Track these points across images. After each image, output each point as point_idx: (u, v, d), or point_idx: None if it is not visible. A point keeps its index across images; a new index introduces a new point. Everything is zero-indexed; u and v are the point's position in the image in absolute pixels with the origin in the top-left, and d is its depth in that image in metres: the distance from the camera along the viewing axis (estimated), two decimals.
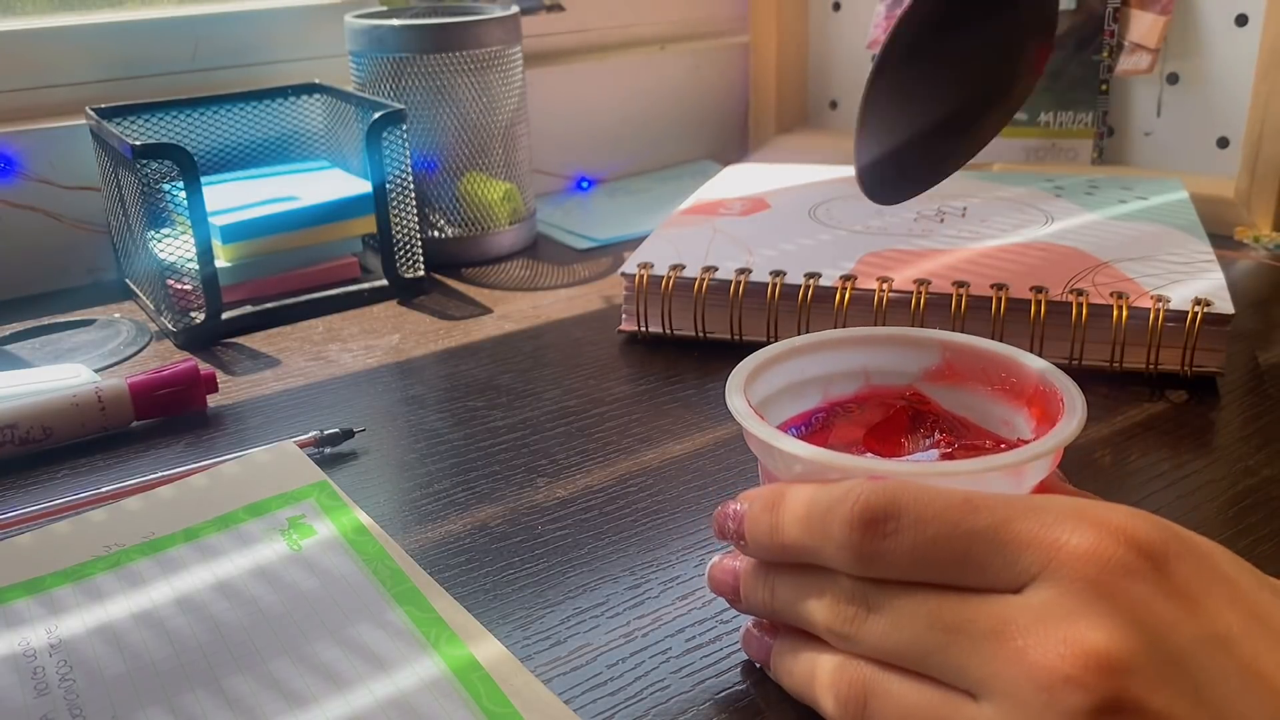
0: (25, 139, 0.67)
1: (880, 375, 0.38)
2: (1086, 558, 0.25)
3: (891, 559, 0.27)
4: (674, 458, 0.46)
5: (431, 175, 0.71)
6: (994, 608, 0.25)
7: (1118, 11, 0.77)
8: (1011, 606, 0.25)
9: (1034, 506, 0.26)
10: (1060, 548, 0.25)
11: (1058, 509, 0.26)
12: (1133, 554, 0.25)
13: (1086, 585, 0.24)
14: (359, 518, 0.41)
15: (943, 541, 0.26)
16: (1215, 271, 0.53)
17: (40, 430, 0.47)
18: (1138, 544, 0.25)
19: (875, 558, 0.27)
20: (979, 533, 0.26)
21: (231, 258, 0.63)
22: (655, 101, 0.94)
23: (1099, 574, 0.24)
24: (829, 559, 0.28)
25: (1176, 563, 0.25)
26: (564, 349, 0.58)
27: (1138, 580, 0.24)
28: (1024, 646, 0.24)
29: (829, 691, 0.29)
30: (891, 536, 0.27)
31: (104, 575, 0.38)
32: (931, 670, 0.26)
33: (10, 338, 0.61)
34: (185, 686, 0.33)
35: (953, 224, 0.62)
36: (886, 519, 0.27)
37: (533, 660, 0.34)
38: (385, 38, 0.68)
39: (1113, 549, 0.25)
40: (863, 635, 0.28)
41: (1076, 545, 0.25)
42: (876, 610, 0.28)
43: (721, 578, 0.33)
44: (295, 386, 0.54)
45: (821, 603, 0.29)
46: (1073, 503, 0.26)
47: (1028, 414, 0.35)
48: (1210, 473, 0.44)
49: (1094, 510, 0.26)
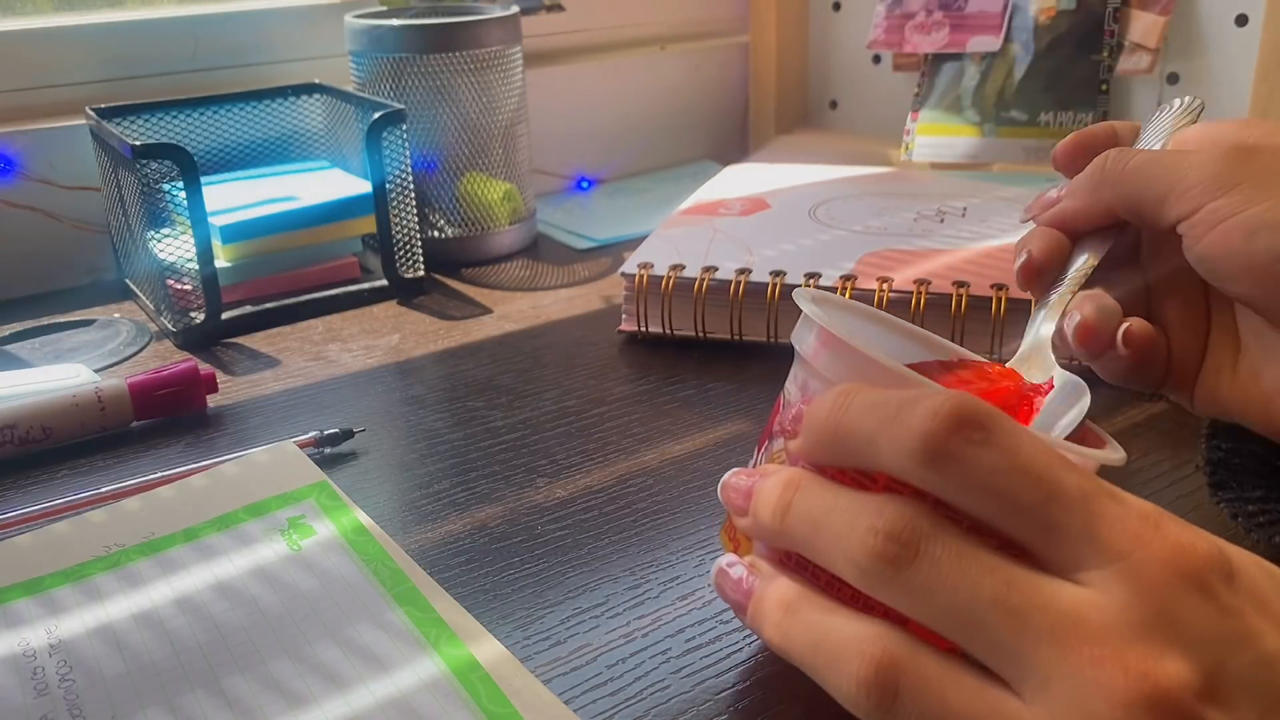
0: (25, 139, 0.67)
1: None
2: (1164, 564, 0.23)
3: (968, 468, 0.24)
4: (674, 458, 0.46)
5: (431, 175, 0.71)
6: (1067, 597, 0.23)
7: (1118, 11, 0.77)
8: (1085, 602, 0.23)
9: (1119, 493, 0.25)
10: (1142, 546, 0.23)
11: (1141, 507, 0.25)
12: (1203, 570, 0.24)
13: (1162, 598, 0.23)
14: (359, 518, 0.41)
15: (1030, 476, 0.24)
16: None
17: (40, 430, 0.47)
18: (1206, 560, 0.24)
19: (950, 459, 0.24)
20: (1067, 487, 0.24)
21: (231, 258, 0.63)
22: (655, 101, 0.94)
23: (1175, 588, 0.23)
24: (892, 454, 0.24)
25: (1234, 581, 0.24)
26: (564, 349, 0.58)
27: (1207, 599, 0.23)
28: (1097, 656, 0.23)
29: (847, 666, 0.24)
30: (979, 445, 0.24)
31: (104, 575, 0.38)
32: (979, 646, 0.24)
33: (10, 338, 0.61)
34: (185, 687, 0.33)
35: (953, 224, 0.62)
36: (977, 425, 0.24)
37: (533, 660, 0.34)
38: (385, 38, 0.68)
39: (1188, 561, 0.24)
40: (903, 581, 0.24)
41: (1157, 550, 0.23)
42: (928, 557, 0.24)
43: (736, 484, 0.29)
44: (295, 386, 0.54)
45: (855, 529, 0.24)
46: (1151, 507, 0.25)
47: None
48: None
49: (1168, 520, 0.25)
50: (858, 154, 0.86)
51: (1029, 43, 0.80)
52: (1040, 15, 0.79)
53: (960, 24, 0.83)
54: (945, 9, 0.83)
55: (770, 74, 0.95)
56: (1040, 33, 0.79)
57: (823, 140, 0.94)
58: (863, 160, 0.81)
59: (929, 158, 0.83)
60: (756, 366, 0.55)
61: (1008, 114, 0.81)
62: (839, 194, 0.68)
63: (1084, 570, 0.24)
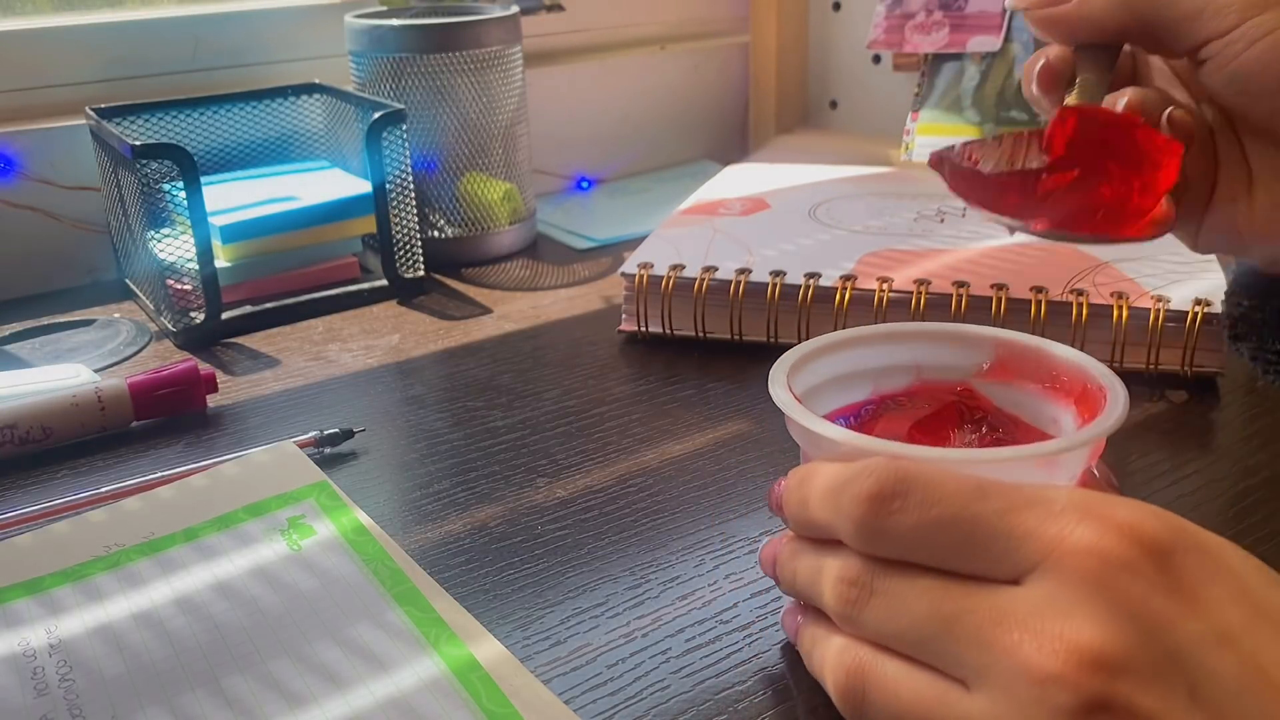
0: (25, 139, 0.67)
1: (932, 371, 0.38)
2: (1087, 552, 0.24)
3: (895, 536, 0.27)
4: (674, 458, 0.46)
5: (431, 175, 0.71)
6: (993, 599, 0.25)
7: None
8: (1010, 598, 0.25)
9: (1041, 497, 0.26)
10: (1062, 540, 0.25)
11: (1065, 500, 0.26)
12: (1135, 549, 0.24)
13: (1085, 580, 0.24)
14: (359, 518, 0.41)
15: (946, 523, 0.26)
16: (1215, 272, 0.53)
17: (40, 430, 0.47)
18: (1141, 539, 0.25)
19: (879, 534, 0.27)
20: (983, 518, 0.26)
21: (231, 258, 0.63)
22: (655, 101, 0.94)
23: (1098, 569, 0.24)
24: (840, 532, 0.29)
25: (1181, 558, 0.25)
26: (564, 349, 0.58)
27: (1138, 576, 0.24)
28: (1019, 640, 0.24)
29: (831, 674, 0.29)
30: (897, 514, 0.27)
31: (103, 575, 0.38)
32: (928, 657, 0.27)
33: (10, 338, 0.61)
34: (185, 687, 0.33)
35: (953, 224, 0.62)
36: (894, 496, 0.27)
37: (533, 660, 0.34)
38: (385, 38, 0.68)
39: (1115, 544, 0.24)
40: (864, 617, 0.28)
41: (1079, 539, 0.25)
42: (879, 593, 0.28)
43: (765, 554, 0.33)
44: (295, 386, 0.54)
45: (830, 581, 0.29)
46: (1081, 495, 0.26)
47: (1075, 412, 0.35)
48: (1210, 473, 0.44)
49: (1101, 504, 0.26)
50: (858, 154, 0.86)
51: (1029, 43, 0.80)
52: None
53: (960, 24, 0.83)
54: (945, 9, 0.83)
55: (770, 74, 0.94)
56: None
57: (823, 140, 0.94)
58: (863, 160, 0.81)
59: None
60: (756, 366, 0.55)
61: (1008, 114, 0.81)
62: (839, 194, 0.68)
63: (1020, 577, 0.26)
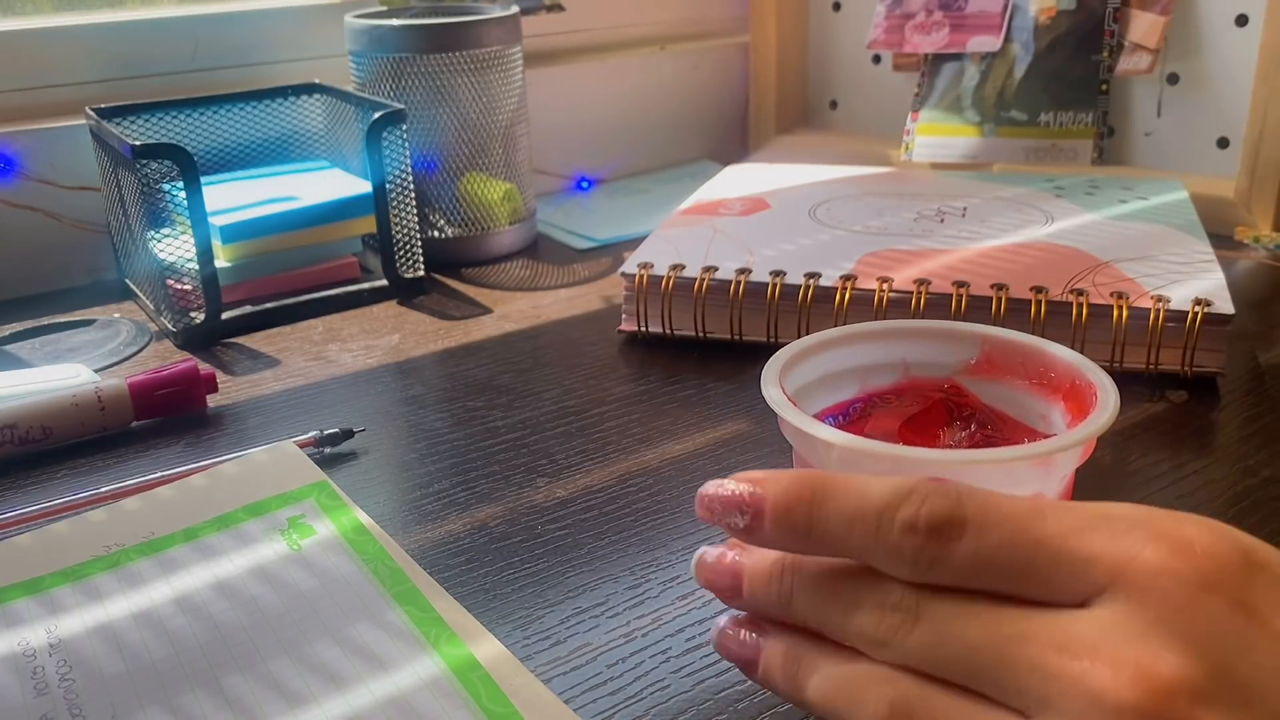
0: (25, 139, 0.67)
1: (919, 367, 0.38)
2: (1159, 573, 0.23)
3: (952, 565, 0.25)
4: (674, 458, 0.46)
5: (431, 175, 0.71)
6: (1058, 623, 0.24)
7: (1118, 11, 0.77)
8: (1078, 622, 0.23)
9: (1103, 515, 0.25)
10: (1131, 561, 0.23)
11: (1127, 518, 0.25)
12: (1209, 570, 0.23)
13: (1159, 603, 0.23)
14: (359, 517, 0.41)
15: (1007, 549, 0.25)
16: (1215, 272, 0.53)
17: (40, 430, 0.47)
18: (1214, 559, 0.23)
19: (935, 564, 0.25)
20: (1045, 541, 0.24)
21: (231, 258, 0.63)
22: (655, 101, 0.94)
23: (1174, 591, 0.23)
24: (881, 562, 0.26)
25: (1252, 578, 0.24)
26: (564, 349, 0.58)
27: (1212, 599, 0.23)
28: (1090, 668, 0.22)
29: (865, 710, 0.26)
30: (956, 541, 0.25)
31: (103, 575, 0.38)
32: (984, 687, 0.24)
33: (10, 338, 0.61)
34: (185, 686, 0.33)
35: (953, 224, 0.62)
36: (951, 524, 0.25)
37: (533, 660, 0.34)
38: (385, 38, 0.68)
39: (1186, 565, 0.23)
40: (909, 644, 0.26)
41: (1148, 560, 0.23)
42: (926, 619, 0.25)
43: (718, 567, 0.30)
44: (295, 386, 0.54)
45: (861, 608, 0.26)
46: (1144, 512, 0.25)
47: (1064, 408, 0.35)
48: (1210, 473, 0.44)
49: (1166, 521, 0.24)
50: (858, 154, 0.86)
51: (1029, 43, 0.80)
52: (1040, 15, 0.79)
53: (960, 24, 0.83)
54: (945, 9, 0.83)
55: (770, 74, 0.95)
56: (1040, 33, 0.79)
57: (823, 140, 0.94)
58: (863, 160, 0.81)
59: (929, 158, 0.83)
60: (756, 367, 0.54)
61: (1008, 114, 0.81)
62: (839, 194, 0.68)
63: (1085, 601, 0.24)
